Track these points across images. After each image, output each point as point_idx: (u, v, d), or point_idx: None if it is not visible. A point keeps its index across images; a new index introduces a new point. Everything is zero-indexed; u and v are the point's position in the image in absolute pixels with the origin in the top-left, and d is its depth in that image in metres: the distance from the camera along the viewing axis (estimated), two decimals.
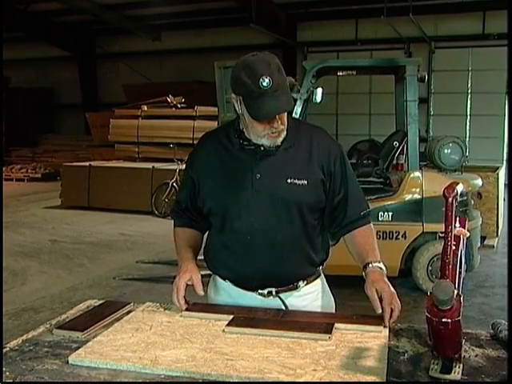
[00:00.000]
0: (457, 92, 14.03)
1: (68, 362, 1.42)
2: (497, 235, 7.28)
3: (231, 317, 1.68)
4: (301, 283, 1.87)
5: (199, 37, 15.86)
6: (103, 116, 13.52)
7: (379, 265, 1.76)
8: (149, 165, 10.42)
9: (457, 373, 1.33)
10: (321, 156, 1.81)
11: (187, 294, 1.78)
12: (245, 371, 1.35)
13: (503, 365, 1.39)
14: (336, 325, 1.61)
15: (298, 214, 1.80)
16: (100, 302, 1.91)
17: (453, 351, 1.34)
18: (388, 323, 1.62)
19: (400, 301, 1.67)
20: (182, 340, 1.55)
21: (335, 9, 14.24)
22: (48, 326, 1.69)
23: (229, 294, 1.90)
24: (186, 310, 1.75)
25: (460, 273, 1.46)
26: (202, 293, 1.79)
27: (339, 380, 1.31)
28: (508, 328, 1.54)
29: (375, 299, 1.66)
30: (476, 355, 1.46)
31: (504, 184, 7.61)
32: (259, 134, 1.74)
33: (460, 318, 1.28)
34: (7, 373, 1.37)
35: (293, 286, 1.86)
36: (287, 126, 1.76)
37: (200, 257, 1.93)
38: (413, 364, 1.41)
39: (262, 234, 1.78)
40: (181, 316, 1.73)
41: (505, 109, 13.45)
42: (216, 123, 7.64)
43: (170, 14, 14.45)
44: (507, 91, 13.02)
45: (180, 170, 9.09)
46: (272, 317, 1.71)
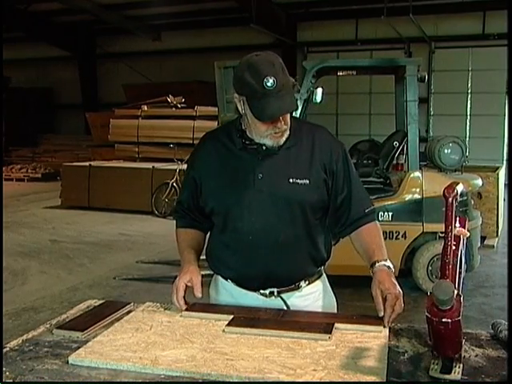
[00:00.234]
0: (457, 92, 14.03)
1: (68, 362, 1.42)
2: (497, 235, 7.30)
3: (231, 317, 1.68)
4: (303, 283, 1.87)
5: (199, 37, 15.86)
6: (103, 116, 13.51)
7: (386, 263, 1.74)
8: (149, 165, 10.42)
9: (457, 373, 1.33)
10: (323, 155, 1.81)
11: (187, 295, 1.78)
12: (245, 371, 1.35)
13: (503, 365, 1.39)
14: (336, 325, 1.61)
15: (300, 214, 1.79)
16: (100, 302, 1.91)
17: (453, 351, 1.34)
18: (387, 324, 1.61)
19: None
20: (182, 340, 1.54)
21: (335, 9, 14.25)
22: (48, 326, 1.69)
23: (230, 294, 1.90)
24: (186, 310, 1.75)
25: (460, 273, 1.45)
26: (200, 295, 1.78)
27: (339, 380, 1.31)
28: (508, 328, 1.53)
29: (379, 301, 1.64)
30: (476, 355, 1.46)
31: (504, 184, 7.62)
32: (262, 134, 1.73)
33: (460, 318, 1.28)
34: (7, 373, 1.37)
35: (295, 286, 1.86)
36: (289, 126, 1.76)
37: (202, 257, 1.93)
38: (413, 364, 1.41)
39: (264, 234, 1.78)
40: (181, 316, 1.73)
41: (505, 109, 13.45)
42: (216, 123, 7.66)
43: (170, 14, 14.45)
44: (507, 91, 13.01)
45: (180, 170, 9.10)
46: (272, 317, 1.70)
